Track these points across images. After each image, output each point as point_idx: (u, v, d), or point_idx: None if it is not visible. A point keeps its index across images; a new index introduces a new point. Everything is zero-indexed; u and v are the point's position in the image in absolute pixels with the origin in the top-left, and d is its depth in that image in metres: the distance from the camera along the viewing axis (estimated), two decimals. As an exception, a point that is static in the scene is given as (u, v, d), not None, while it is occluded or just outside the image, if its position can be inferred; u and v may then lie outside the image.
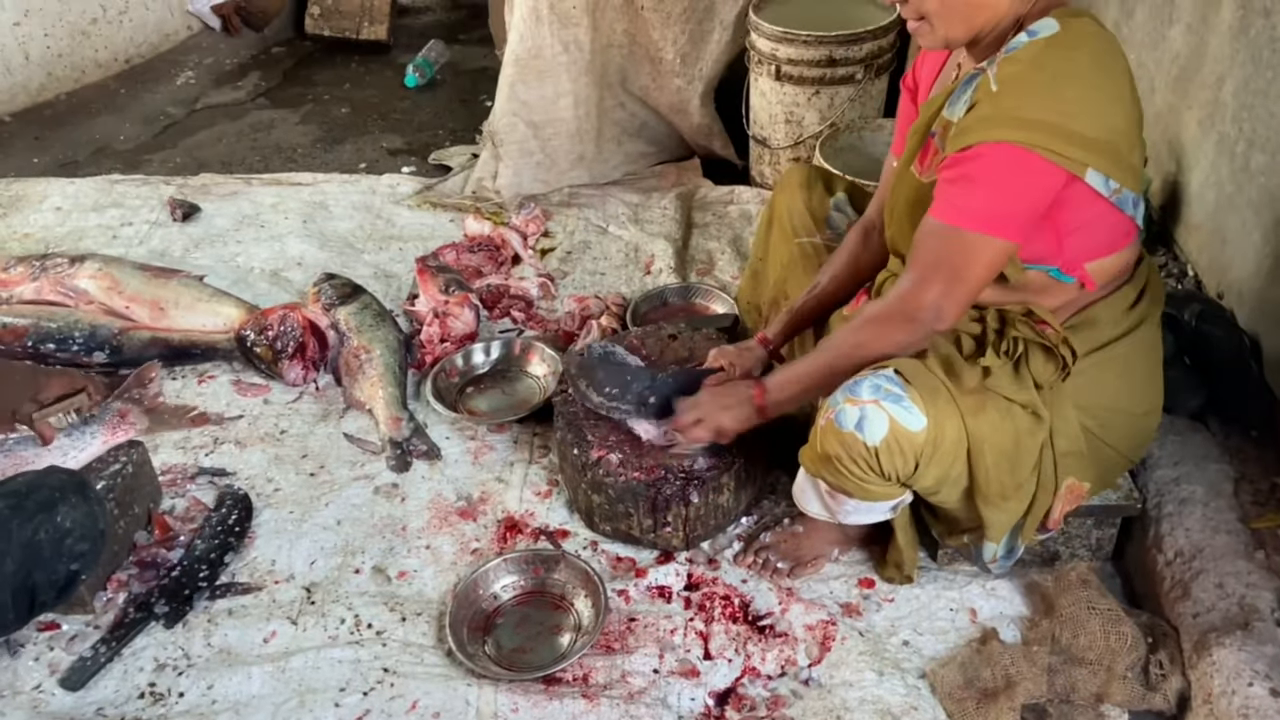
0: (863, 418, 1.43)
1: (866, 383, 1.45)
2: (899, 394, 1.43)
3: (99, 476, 1.79)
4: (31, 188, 3.08)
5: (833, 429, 1.46)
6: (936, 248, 1.42)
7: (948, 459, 1.47)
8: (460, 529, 1.89)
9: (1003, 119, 1.35)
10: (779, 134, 2.87)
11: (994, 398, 1.47)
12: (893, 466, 1.45)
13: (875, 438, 1.43)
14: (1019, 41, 1.38)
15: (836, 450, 1.47)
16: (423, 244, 2.75)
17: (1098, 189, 1.39)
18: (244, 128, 3.55)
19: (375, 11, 4.11)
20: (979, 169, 1.37)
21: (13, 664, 1.64)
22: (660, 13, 2.89)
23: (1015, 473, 1.49)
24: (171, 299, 2.41)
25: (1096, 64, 1.37)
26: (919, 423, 1.43)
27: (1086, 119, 1.35)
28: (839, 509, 1.59)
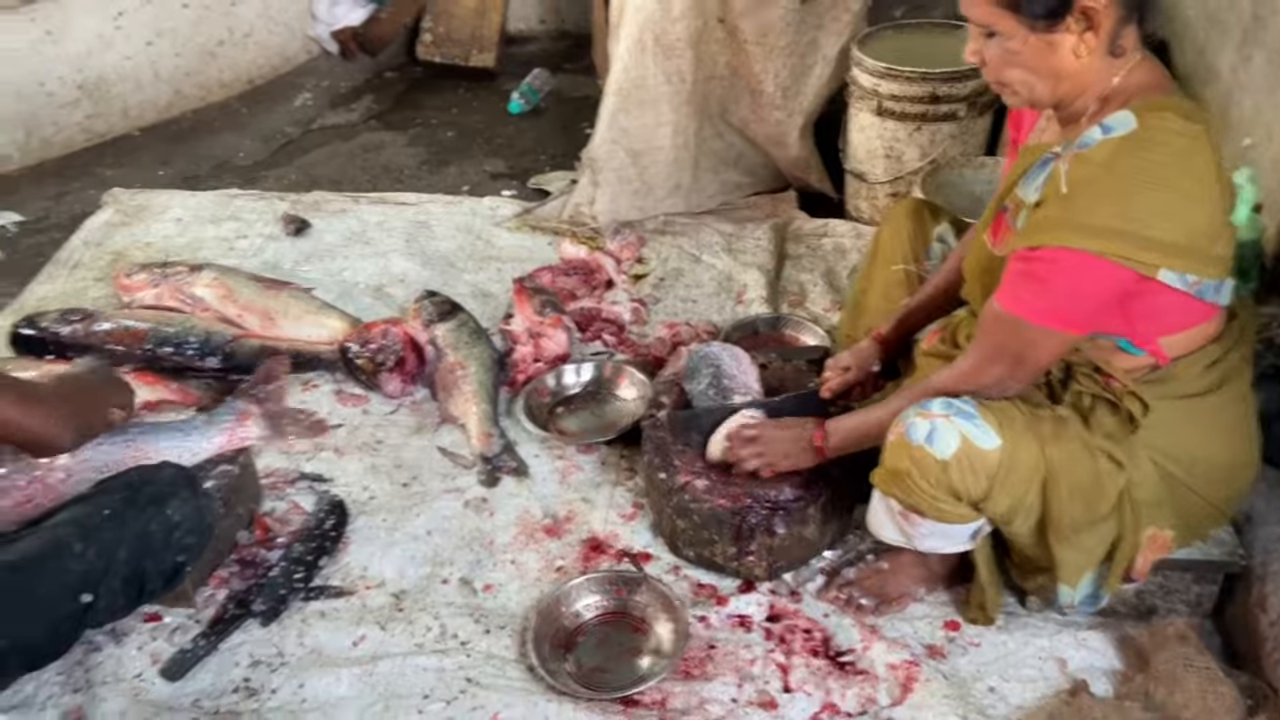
0: (933, 431, 1.44)
1: (938, 400, 1.46)
2: (971, 413, 1.44)
3: (208, 476, 1.88)
4: (155, 199, 3.25)
5: (903, 442, 1.47)
6: (1001, 335, 1.45)
7: (1021, 484, 1.45)
8: (545, 546, 1.93)
9: (1072, 225, 1.35)
10: (877, 169, 2.86)
11: (1071, 431, 1.46)
12: (964, 484, 1.44)
13: (946, 452, 1.43)
14: (1093, 137, 1.36)
15: (906, 465, 1.47)
16: (520, 265, 2.81)
17: (1173, 285, 1.38)
18: (355, 148, 3.69)
19: (484, 40, 4.24)
20: (1046, 271, 1.38)
21: (117, 652, 1.72)
22: (763, 46, 2.92)
23: (1091, 509, 1.47)
24: (281, 309, 2.52)
25: (1174, 165, 1.34)
26: (992, 441, 1.42)
27: (1160, 223, 1.33)
28: (914, 532, 1.57)
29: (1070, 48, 1.37)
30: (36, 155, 3.55)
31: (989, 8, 1.38)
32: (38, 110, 3.50)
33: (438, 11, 4.25)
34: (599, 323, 2.54)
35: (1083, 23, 1.35)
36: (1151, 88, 1.40)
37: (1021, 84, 1.42)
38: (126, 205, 3.21)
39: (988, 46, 1.42)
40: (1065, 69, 1.39)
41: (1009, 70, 1.42)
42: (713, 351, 2.04)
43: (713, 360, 2.01)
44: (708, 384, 1.94)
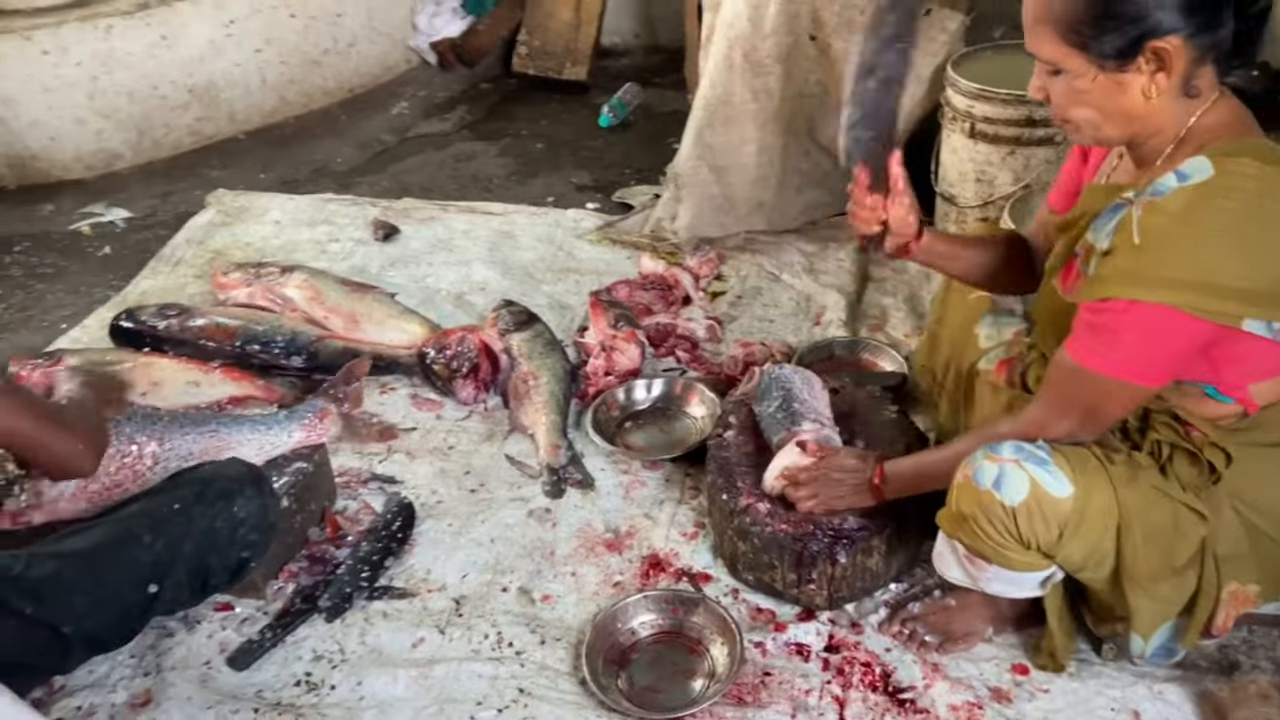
0: (1001, 476, 1.38)
1: (1010, 443, 1.41)
2: (1044, 458, 1.38)
3: (283, 471, 1.93)
4: (256, 200, 3.37)
5: (969, 486, 1.42)
6: (1073, 387, 1.40)
7: (1095, 531, 1.39)
8: (605, 560, 1.92)
9: (1145, 277, 1.29)
10: (968, 192, 2.79)
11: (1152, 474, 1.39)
12: (1032, 532, 1.39)
13: (1014, 498, 1.37)
14: (1167, 184, 1.30)
15: (972, 509, 1.42)
16: (599, 278, 2.83)
17: (1258, 333, 1.31)
18: (447, 157, 3.77)
19: (578, 53, 4.29)
20: (1120, 323, 1.32)
21: (188, 639, 1.78)
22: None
23: (1168, 556, 1.40)
24: (365, 312, 2.58)
25: (1254, 211, 1.27)
26: (1064, 488, 1.37)
27: (1239, 272, 1.27)
28: (980, 576, 1.52)
29: (1140, 88, 1.31)
30: (147, 155, 3.72)
31: (1056, 45, 1.33)
32: (150, 112, 3.68)
33: (533, 25, 4.32)
34: (673, 339, 2.54)
35: (1154, 63, 1.29)
36: (1229, 129, 1.33)
37: (1088, 123, 1.37)
38: (229, 206, 3.34)
39: (1053, 83, 1.37)
40: (1135, 110, 1.33)
41: (1076, 109, 1.37)
42: (784, 374, 2.02)
43: (784, 383, 1.98)
44: (777, 407, 1.92)
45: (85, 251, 3.23)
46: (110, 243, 3.27)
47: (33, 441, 1.36)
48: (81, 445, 1.42)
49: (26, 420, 1.34)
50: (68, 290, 3.02)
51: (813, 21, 2.82)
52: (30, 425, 1.34)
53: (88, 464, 1.47)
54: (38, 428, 1.35)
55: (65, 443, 1.39)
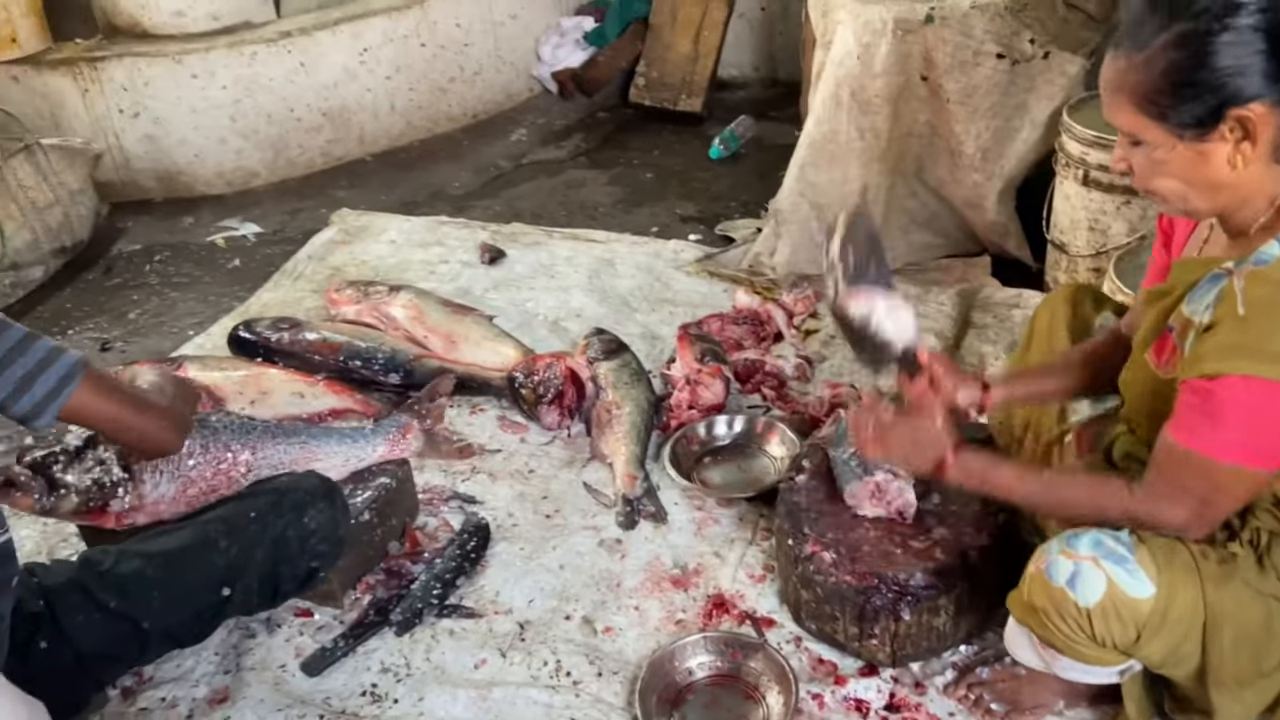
0: (1076, 574, 1.31)
1: (1088, 536, 1.33)
2: (1124, 555, 1.30)
3: (367, 486, 2.01)
4: (375, 220, 3.53)
5: (1042, 580, 1.35)
6: (1184, 474, 1.29)
7: (1178, 633, 1.30)
8: (670, 596, 1.93)
9: (1251, 351, 1.20)
10: (1080, 241, 2.69)
11: (1240, 574, 1.29)
12: (1108, 633, 1.31)
13: (1089, 599, 1.30)
14: (1270, 253, 1.22)
15: (1044, 604, 1.35)
16: (693, 310, 2.84)
17: None
18: (558, 184, 3.86)
19: (694, 85, 4.34)
20: (1228, 403, 1.23)
21: (268, 641, 1.87)
22: (967, 106, 2.82)
23: (1259, 660, 1.30)
24: (463, 334, 2.66)
25: None
26: (1145, 590, 1.28)
27: None
28: (1053, 663, 1.45)
29: (1225, 158, 1.24)
30: (281, 174, 3.95)
31: (1134, 116, 1.26)
32: (286, 133, 3.90)
33: (652, 57, 4.39)
34: (760, 375, 2.52)
35: (1238, 131, 1.22)
36: None
37: (1174, 194, 1.29)
38: (350, 225, 3.51)
39: (1134, 154, 1.31)
40: (1221, 179, 1.26)
41: (1158, 180, 1.29)
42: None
43: None
44: (852, 453, 1.88)
45: (217, 263, 3.44)
46: (240, 255, 3.48)
47: (116, 421, 1.46)
48: (165, 422, 1.51)
49: (111, 402, 1.44)
50: (198, 299, 3.22)
51: (925, 62, 2.78)
52: (114, 406, 1.44)
53: (171, 440, 1.56)
54: (121, 408, 1.45)
55: (148, 421, 1.48)
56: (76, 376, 1.38)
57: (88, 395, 1.40)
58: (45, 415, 1.36)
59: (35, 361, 1.35)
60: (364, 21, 3.94)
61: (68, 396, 1.38)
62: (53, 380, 1.36)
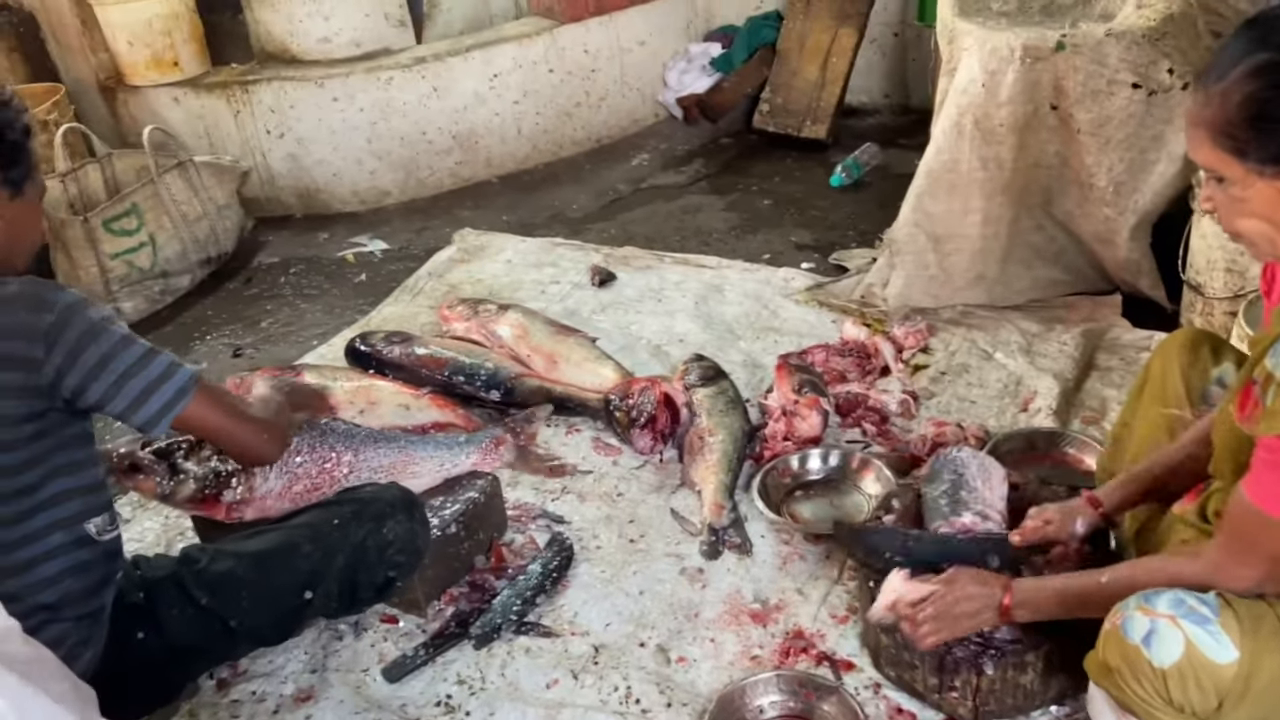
0: (1152, 632, 1.23)
1: (1169, 594, 1.25)
2: (1207, 616, 1.21)
3: (456, 499, 2.05)
4: (494, 240, 3.62)
5: (1116, 636, 1.27)
6: (1255, 532, 1.24)
7: (1265, 704, 1.21)
8: (748, 631, 1.89)
9: None
10: (1216, 282, 2.51)
11: None
12: (1186, 699, 1.22)
13: (1165, 659, 1.22)
14: None
15: (1119, 662, 1.27)
16: (799, 340, 2.80)
17: None
18: (675, 209, 3.88)
19: (819, 112, 4.28)
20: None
21: (354, 644, 1.93)
22: (1099, 138, 2.69)
23: None
24: (565, 354, 2.70)
25: None
26: (1228, 654, 1.19)
27: None
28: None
29: None
30: (411, 193, 4.11)
31: (1212, 151, 1.22)
32: (418, 155, 4.06)
33: (778, 83, 4.37)
34: (862, 409, 2.46)
35: None
36: None
37: (1260, 235, 1.23)
38: (470, 244, 3.62)
39: (1217, 192, 1.25)
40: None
41: (1241, 220, 1.23)
42: (961, 457, 1.91)
43: (958, 467, 1.87)
44: (943, 491, 1.81)
45: (345, 277, 3.60)
46: (367, 270, 3.63)
47: (221, 431, 1.55)
48: (266, 435, 1.59)
49: (218, 413, 1.52)
50: (325, 310, 3.38)
51: (1055, 90, 2.67)
52: (221, 417, 1.53)
53: (270, 452, 1.63)
54: (226, 419, 1.54)
55: (250, 433, 1.56)
56: (190, 391, 1.47)
57: (198, 408, 1.49)
58: (160, 425, 1.46)
59: (156, 375, 1.44)
60: (495, 48, 4.06)
61: (181, 409, 1.47)
62: (169, 393, 1.46)
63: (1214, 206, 1.27)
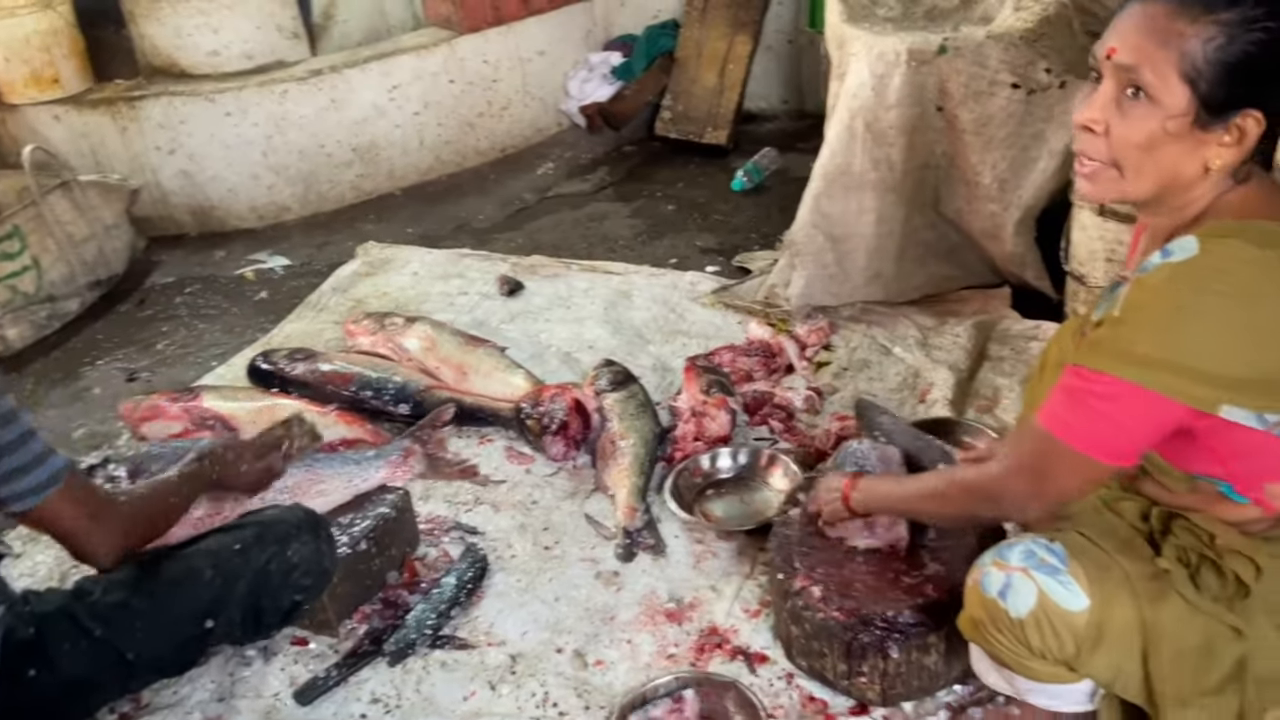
0: (1008, 585, 1.31)
1: (1020, 547, 1.33)
2: (1056, 566, 1.29)
3: (366, 516, 2.03)
4: (400, 253, 3.59)
5: (977, 592, 1.35)
6: (1033, 445, 1.31)
7: (1117, 649, 1.28)
8: (663, 630, 1.91)
9: (1117, 351, 1.21)
10: (1098, 272, 2.64)
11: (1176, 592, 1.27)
12: (1044, 645, 1.29)
13: (1020, 609, 1.29)
14: (1152, 262, 1.20)
15: (981, 615, 1.35)
16: (706, 342, 2.84)
17: (1245, 423, 1.18)
18: (581, 216, 3.90)
19: (719, 118, 4.36)
20: (1089, 393, 1.24)
21: (263, 669, 1.88)
22: (982, 137, 2.80)
23: (1199, 679, 1.26)
24: (475, 365, 2.69)
25: (1238, 294, 1.15)
26: (1078, 602, 1.27)
27: (1212, 356, 1.16)
28: (1016, 685, 1.42)
29: (1208, 156, 1.21)
30: (312, 208, 4.04)
31: (1168, 74, 1.18)
32: (317, 169, 3.99)
33: (678, 90, 4.42)
34: (769, 407, 2.51)
35: (1235, 134, 1.20)
36: (1247, 212, 1.23)
37: (1130, 167, 1.22)
38: (374, 257, 3.57)
39: (1124, 113, 1.21)
40: (1187, 175, 1.23)
41: (1130, 150, 1.21)
42: (862, 449, 1.96)
43: (859, 459, 1.93)
44: None
45: (245, 295, 3.52)
46: (268, 288, 3.56)
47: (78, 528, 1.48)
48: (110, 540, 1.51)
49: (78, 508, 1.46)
50: (224, 330, 3.30)
51: (940, 92, 2.77)
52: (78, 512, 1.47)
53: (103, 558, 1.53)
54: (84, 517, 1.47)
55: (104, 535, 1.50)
56: (61, 479, 1.43)
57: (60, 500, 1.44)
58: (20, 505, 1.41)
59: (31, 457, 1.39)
60: (393, 60, 4.03)
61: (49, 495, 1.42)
62: (42, 476, 1.41)
63: (1105, 128, 1.23)
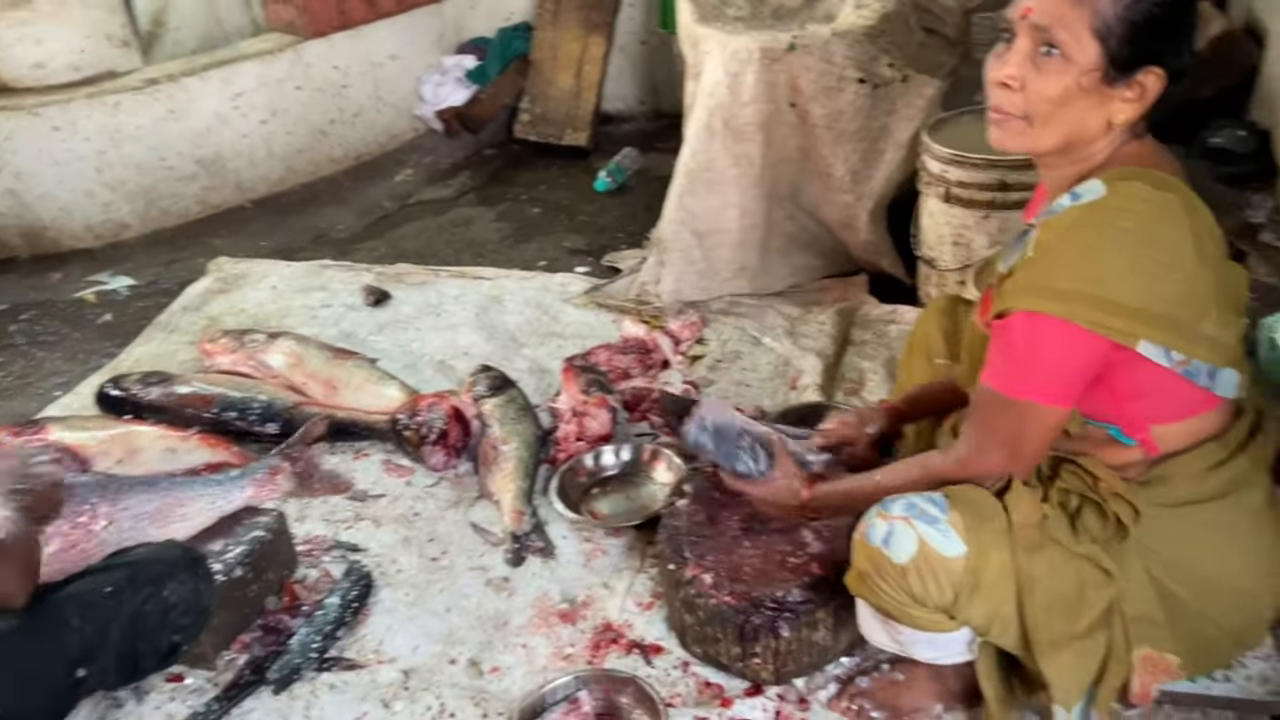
0: (890, 533, 1.37)
1: (903, 500, 1.39)
2: (936, 515, 1.36)
3: (240, 540, 1.94)
4: (255, 268, 3.45)
5: (863, 543, 1.41)
6: (990, 414, 1.38)
7: (993, 595, 1.36)
8: (558, 631, 1.91)
9: (1036, 289, 1.30)
10: (946, 255, 2.78)
11: (1053, 540, 1.37)
12: (924, 591, 1.36)
13: (902, 556, 1.36)
14: (1061, 204, 1.31)
15: (866, 566, 1.41)
16: (581, 342, 2.84)
17: (1155, 359, 1.28)
18: (445, 222, 3.84)
19: (578, 119, 4.37)
20: (1018, 338, 1.32)
21: (137, 710, 1.78)
22: (833, 131, 2.90)
23: (1071, 622, 1.36)
24: (344, 378, 2.61)
25: (1141, 231, 1.27)
26: (955, 548, 1.34)
27: (1127, 289, 1.27)
28: (901, 639, 1.49)
29: (1113, 111, 1.31)
30: (154, 224, 3.83)
31: (1080, 30, 1.26)
32: (158, 183, 3.79)
33: (535, 93, 4.41)
34: (647, 403, 2.53)
35: (1137, 89, 1.30)
36: (1134, 161, 1.34)
37: (1040, 117, 1.30)
38: (228, 273, 3.42)
39: (1037, 73, 1.29)
40: (1092, 128, 1.32)
41: (1042, 104, 1.29)
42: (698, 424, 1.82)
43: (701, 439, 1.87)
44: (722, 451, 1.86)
45: (87, 319, 3.31)
46: (112, 310, 3.36)
47: None
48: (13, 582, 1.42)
49: None
50: (66, 357, 3.09)
51: (791, 89, 2.86)
52: None
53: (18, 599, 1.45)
54: None
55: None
56: None
57: None
58: None
59: None
60: (234, 67, 3.86)
61: None
62: None
63: (1021, 84, 1.29)
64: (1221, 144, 2.91)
